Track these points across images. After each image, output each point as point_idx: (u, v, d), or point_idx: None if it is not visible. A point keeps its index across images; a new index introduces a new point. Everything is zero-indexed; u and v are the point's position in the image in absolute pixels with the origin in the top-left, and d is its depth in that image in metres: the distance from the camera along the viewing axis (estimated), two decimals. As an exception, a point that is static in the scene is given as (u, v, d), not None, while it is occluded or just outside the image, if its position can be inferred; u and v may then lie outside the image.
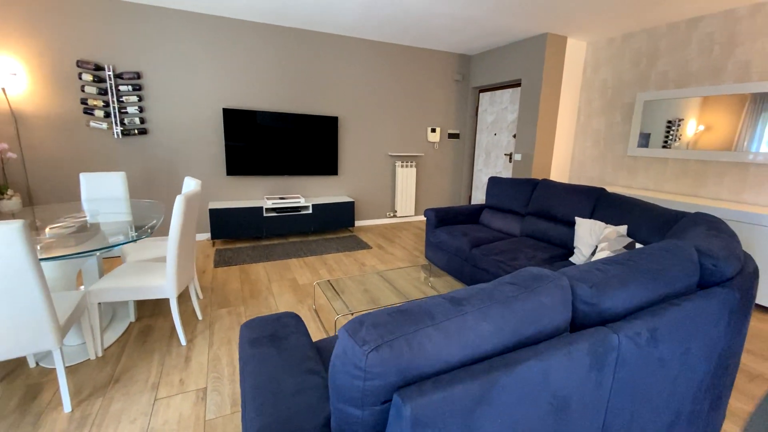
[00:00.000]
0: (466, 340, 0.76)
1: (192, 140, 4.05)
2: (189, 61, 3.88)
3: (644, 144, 3.80)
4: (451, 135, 5.51)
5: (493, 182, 3.65)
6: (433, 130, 5.30)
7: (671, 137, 3.57)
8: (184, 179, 2.78)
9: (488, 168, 5.33)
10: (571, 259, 2.49)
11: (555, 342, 0.85)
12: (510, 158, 4.91)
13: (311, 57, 4.40)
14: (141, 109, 3.79)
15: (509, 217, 3.39)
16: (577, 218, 2.58)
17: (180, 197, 2.00)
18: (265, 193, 4.51)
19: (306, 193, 4.74)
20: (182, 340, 2.17)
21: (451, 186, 5.74)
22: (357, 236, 4.58)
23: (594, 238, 2.33)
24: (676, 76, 3.53)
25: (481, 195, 5.49)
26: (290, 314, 1.39)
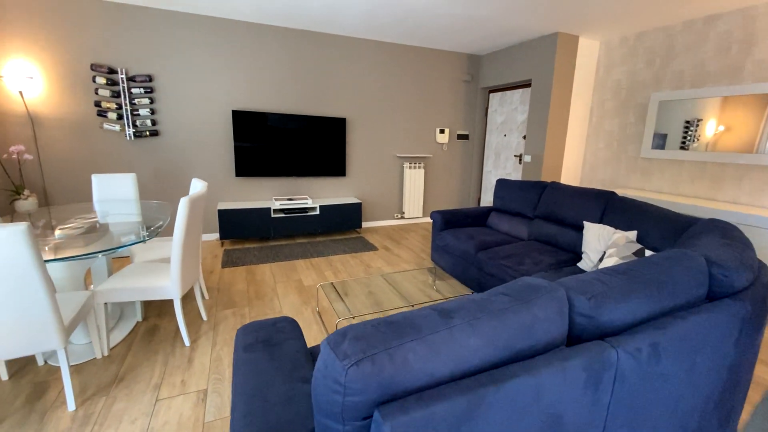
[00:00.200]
0: (453, 354, 0.73)
1: (202, 141, 4.11)
2: (199, 64, 3.93)
3: (660, 145, 3.69)
4: (460, 136, 5.46)
5: (500, 184, 3.59)
6: (442, 131, 5.25)
7: (689, 138, 3.45)
8: (192, 181, 2.82)
9: (497, 169, 5.26)
10: (579, 265, 2.43)
11: (548, 357, 0.82)
12: (520, 160, 4.84)
13: (319, 58, 4.41)
14: (152, 111, 3.86)
15: (517, 220, 3.33)
16: (585, 223, 2.52)
17: (184, 200, 2.02)
18: (274, 194, 4.54)
19: (314, 194, 4.76)
20: (186, 341, 2.19)
21: (459, 187, 5.69)
22: (364, 237, 4.58)
23: (602, 244, 2.27)
24: (693, 76, 3.42)
25: (490, 197, 5.42)
26: (287, 319, 1.38)
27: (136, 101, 3.77)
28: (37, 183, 3.62)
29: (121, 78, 3.66)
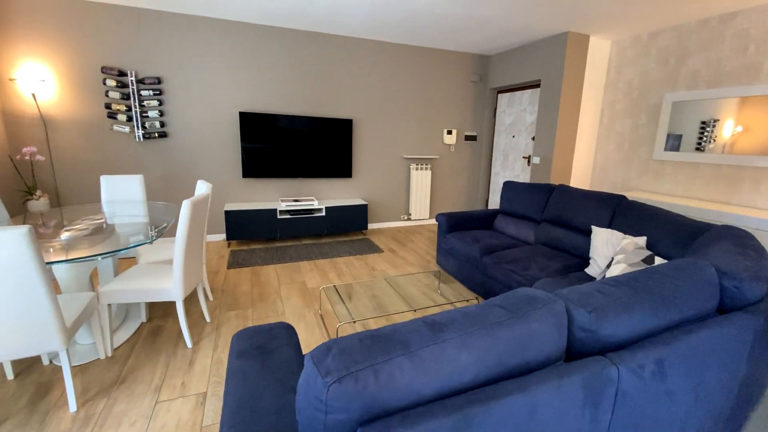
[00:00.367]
0: (442, 370, 0.71)
1: (209, 143, 4.14)
2: (206, 66, 3.96)
3: (675, 146, 3.58)
4: (468, 137, 5.40)
5: (507, 187, 3.54)
6: (449, 132, 5.20)
7: (705, 139, 3.34)
8: (197, 183, 2.84)
9: (506, 171, 5.19)
10: (587, 270, 2.37)
11: (544, 374, 0.78)
12: (528, 161, 4.76)
13: (325, 60, 4.41)
14: (161, 113, 3.90)
15: (524, 224, 3.28)
16: (593, 227, 2.46)
17: (186, 202, 2.02)
18: (280, 195, 4.55)
19: (320, 196, 4.76)
20: (188, 343, 2.20)
21: (467, 189, 5.63)
22: (370, 239, 4.56)
23: (610, 250, 2.21)
24: (709, 76, 3.31)
25: (498, 198, 5.35)
26: (283, 325, 1.37)
27: (145, 103, 3.81)
28: (49, 183, 3.69)
29: (131, 80, 3.71)
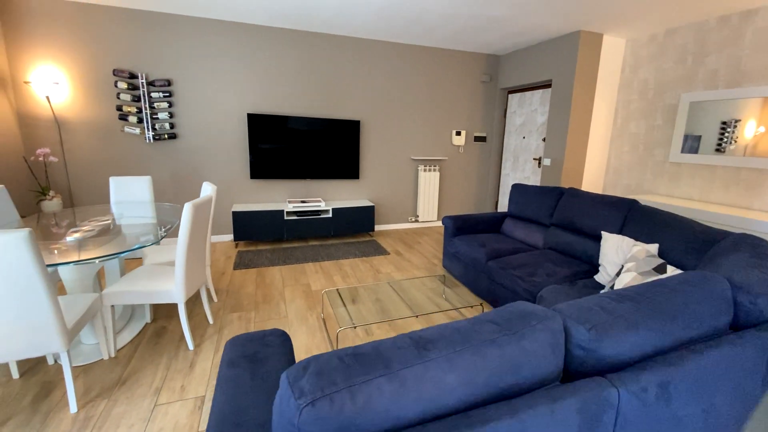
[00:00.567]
0: (426, 392, 0.67)
1: (218, 144, 4.17)
2: (215, 68, 3.99)
3: (694, 148, 3.44)
4: (477, 138, 5.32)
5: (516, 189, 3.46)
6: (458, 133, 5.14)
7: (726, 140, 3.20)
8: (203, 184, 2.85)
9: (516, 173, 5.09)
10: (596, 278, 2.29)
11: (536, 396, 0.74)
12: (539, 163, 4.66)
13: (333, 61, 4.39)
14: (171, 115, 3.94)
15: (532, 228, 3.20)
16: (603, 233, 2.38)
17: (188, 205, 2.03)
18: (287, 197, 4.56)
19: (327, 197, 4.75)
20: (190, 345, 2.20)
21: (476, 191, 5.55)
22: (376, 241, 4.53)
23: (620, 257, 2.13)
24: (728, 75, 3.18)
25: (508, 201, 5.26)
26: (277, 332, 1.35)
27: (155, 105, 3.86)
28: (62, 184, 3.77)
29: (142, 83, 3.76)
